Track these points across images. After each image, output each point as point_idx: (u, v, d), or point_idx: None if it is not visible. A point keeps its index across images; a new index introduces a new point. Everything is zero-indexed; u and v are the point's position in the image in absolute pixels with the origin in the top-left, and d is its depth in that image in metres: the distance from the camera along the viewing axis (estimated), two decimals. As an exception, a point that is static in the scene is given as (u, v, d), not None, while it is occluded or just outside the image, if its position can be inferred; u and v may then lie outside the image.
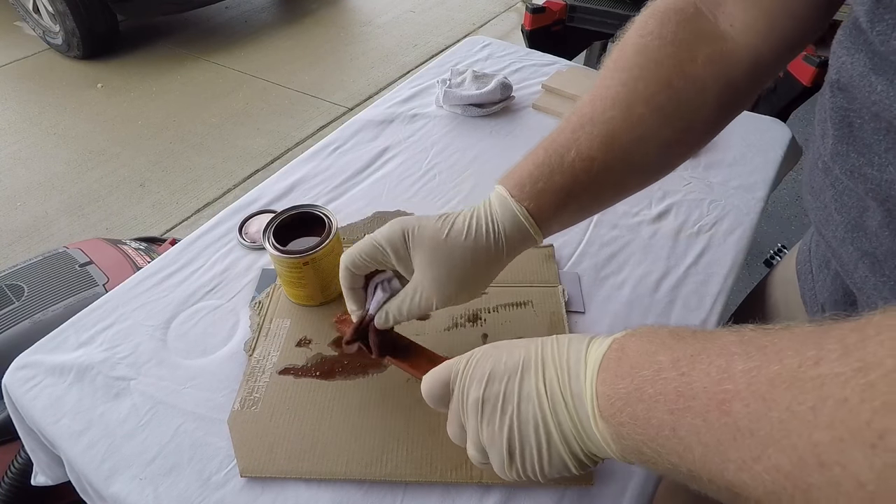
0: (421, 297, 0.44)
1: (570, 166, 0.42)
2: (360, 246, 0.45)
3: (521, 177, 0.43)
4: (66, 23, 2.66)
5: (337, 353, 0.57)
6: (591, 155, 0.41)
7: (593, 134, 0.41)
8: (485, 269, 0.44)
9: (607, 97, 0.42)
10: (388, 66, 2.86)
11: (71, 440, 0.51)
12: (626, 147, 0.41)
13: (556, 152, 0.42)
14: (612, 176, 0.43)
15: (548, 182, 0.42)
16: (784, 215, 1.93)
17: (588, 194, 0.43)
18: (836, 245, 0.37)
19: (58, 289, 0.91)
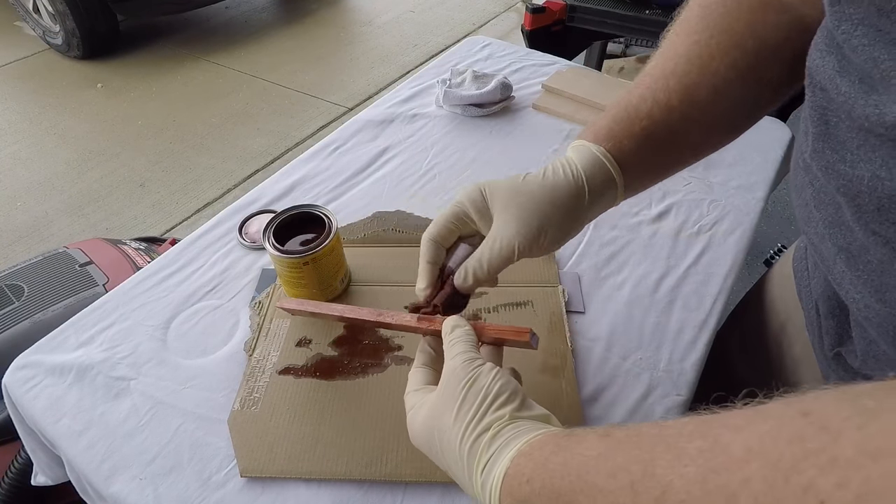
0: (502, 243, 0.40)
1: (647, 114, 0.41)
2: (442, 213, 0.43)
3: (595, 129, 0.42)
4: (66, 23, 2.66)
5: (337, 353, 0.57)
6: (670, 104, 0.41)
7: (670, 87, 0.41)
8: (566, 212, 0.41)
9: (681, 54, 0.41)
10: (388, 66, 2.86)
11: (71, 440, 0.51)
12: (704, 98, 0.41)
13: (631, 105, 0.42)
14: (690, 127, 0.42)
15: (625, 127, 0.42)
16: (784, 215, 1.93)
17: (667, 142, 0.42)
18: (817, 241, 0.37)
19: (58, 289, 0.91)
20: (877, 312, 0.33)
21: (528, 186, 0.41)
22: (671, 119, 0.41)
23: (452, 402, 0.35)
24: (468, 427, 0.33)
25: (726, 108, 0.43)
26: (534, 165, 0.81)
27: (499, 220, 0.41)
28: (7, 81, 2.73)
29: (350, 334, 0.58)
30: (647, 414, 0.53)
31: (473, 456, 0.32)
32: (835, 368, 0.45)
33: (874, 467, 0.16)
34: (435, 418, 0.36)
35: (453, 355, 0.37)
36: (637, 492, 0.23)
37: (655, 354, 0.57)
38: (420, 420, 0.37)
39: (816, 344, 0.48)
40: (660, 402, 0.53)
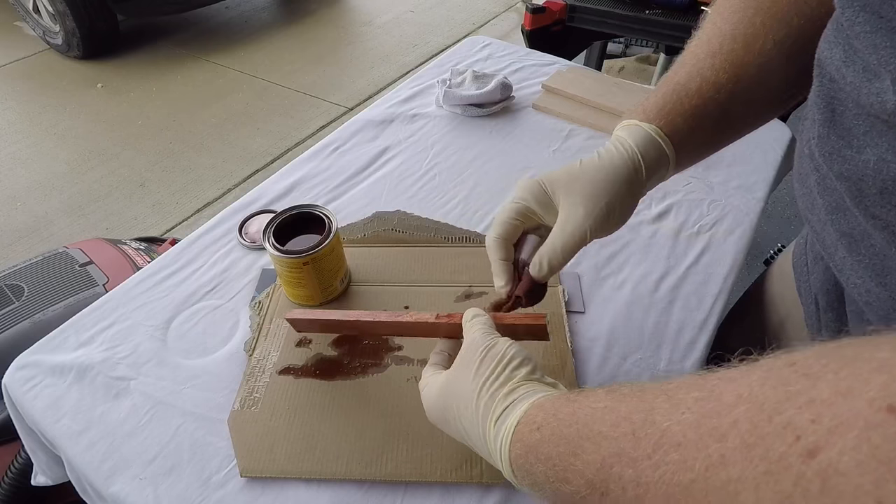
0: (574, 227, 0.41)
1: (696, 91, 0.42)
2: (505, 209, 0.44)
3: (645, 107, 0.43)
4: (66, 23, 2.66)
5: (337, 353, 0.56)
6: (718, 81, 0.42)
7: (716, 65, 0.42)
8: (627, 188, 0.42)
9: (725, 33, 0.42)
10: (388, 66, 2.86)
11: (71, 440, 0.51)
12: (752, 76, 0.42)
13: (679, 83, 0.42)
14: (739, 104, 0.43)
15: (675, 105, 0.42)
16: (784, 215, 1.93)
17: (717, 118, 0.43)
18: (819, 228, 0.38)
19: (58, 289, 0.91)
20: (877, 296, 0.33)
21: (586, 171, 0.42)
22: (720, 96, 0.42)
23: (471, 365, 0.37)
24: (485, 383, 0.35)
25: (773, 86, 0.43)
26: (534, 165, 0.81)
27: (565, 206, 0.42)
28: (7, 81, 2.73)
29: (350, 335, 0.58)
30: (647, 414, 0.53)
31: (489, 409, 0.34)
32: None
33: (844, 404, 0.17)
34: (451, 384, 0.38)
35: (472, 332, 0.39)
36: (638, 437, 0.25)
37: (655, 354, 0.57)
38: (435, 390, 0.39)
39: (816, 339, 0.48)
40: (660, 402, 0.53)
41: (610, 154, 0.42)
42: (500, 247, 0.44)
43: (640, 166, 0.42)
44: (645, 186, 0.44)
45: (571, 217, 0.41)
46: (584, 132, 0.88)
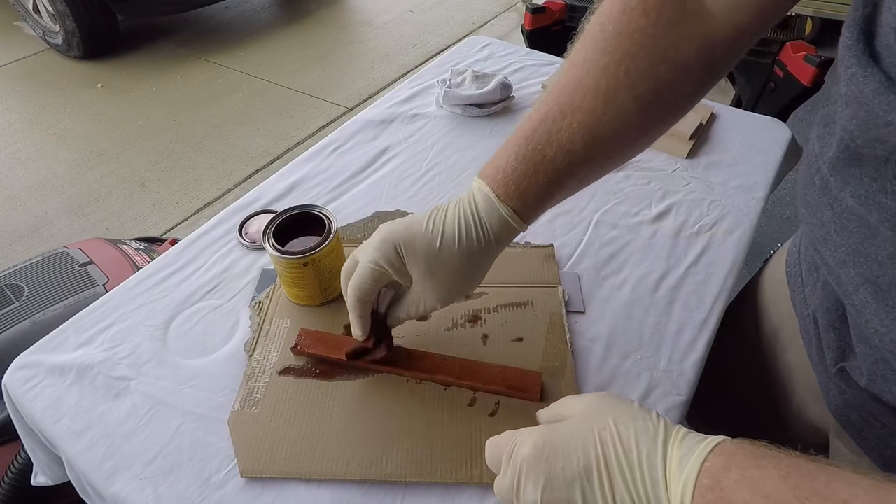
0: (424, 303, 0.46)
1: (551, 162, 0.41)
2: (363, 274, 0.45)
3: (504, 175, 0.43)
4: (66, 23, 2.66)
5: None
6: (573, 149, 0.41)
7: (573, 126, 0.41)
8: (478, 268, 0.46)
9: (588, 86, 0.40)
10: (388, 66, 2.86)
11: (71, 440, 0.51)
12: (607, 138, 0.41)
13: (537, 148, 0.42)
14: (592, 165, 0.43)
15: (531, 180, 0.42)
16: (784, 215, 1.93)
17: (569, 185, 0.44)
18: (835, 266, 0.36)
19: (58, 289, 0.91)
20: None
21: (444, 256, 0.43)
22: (573, 163, 0.42)
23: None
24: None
25: (629, 141, 0.43)
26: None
27: (419, 283, 0.45)
28: (7, 81, 2.73)
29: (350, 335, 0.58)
30: (647, 414, 0.53)
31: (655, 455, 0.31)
32: (838, 384, 0.44)
33: None
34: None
35: None
36: None
37: (655, 354, 0.57)
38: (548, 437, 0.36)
39: (815, 356, 0.47)
40: (660, 402, 0.53)
41: (470, 237, 0.43)
42: (359, 307, 0.48)
43: (493, 246, 0.44)
44: (495, 257, 0.46)
45: (424, 296, 0.46)
46: (584, 132, 0.88)
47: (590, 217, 0.73)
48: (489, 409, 0.52)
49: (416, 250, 0.43)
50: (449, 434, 0.50)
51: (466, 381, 0.52)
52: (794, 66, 1.46)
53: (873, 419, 0.42)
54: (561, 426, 0.35)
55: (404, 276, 0.45)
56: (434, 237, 0.43)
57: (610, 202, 0.75)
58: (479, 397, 0.53)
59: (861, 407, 0.42)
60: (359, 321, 0.49)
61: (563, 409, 0.38)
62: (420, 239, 0.43)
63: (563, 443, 0.34)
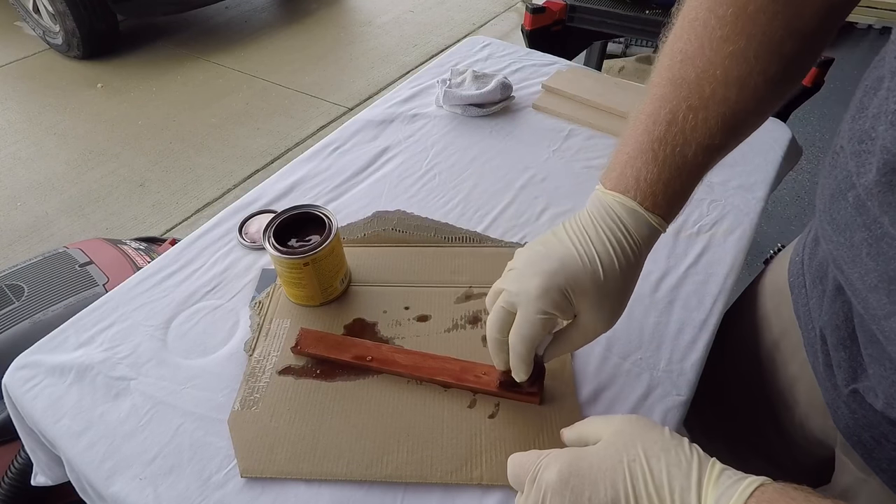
0: (596, 333, 0.44)
1: (692, 161, 0.40)
2: (534, 326, 0.42)
3: (649, 184, 0.41)
4: (66, 23, 2.66)
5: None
6: (712, 143, 0.40)
7: (709, 121, 0.39)
8: (634, 280, 0.44)
9: (717, 76, 0.39)
10: (388, 66, 2.86)
11: (71, 440, 0.51)
12: (742, 123, 0.40)
13: (675, 150, 0.40)
14: (728, 150, 0.42)
15: (676, 184, 0.41)
16: (784, 215, 1.93)
17: (704, 176, 0.43)
18: (864, 289, 0.35)
19: (58, 289, 0.91)
20: None
21: (609, 284, 0.41)
22: (713, 156, 0.41)
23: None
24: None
25: (759, 120, 0.42)
26: (534, 165, 0.81)
27: (588, 317, 0.43)
28: (7, 81, 2.73)
29: (351, 335, 0.58)
30: (646, 414, 0.53)
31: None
32: (849, 404, 0.43)
33: None
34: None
35: None
36: None
37: (655, 354, 0.57)
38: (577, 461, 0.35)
39: (822, 372, 0.46)
40: (660, 403, 0.53)
41: (628, 260, 0.41)
42: (526, 354, 0.44)
43: (644, 258, 0.43)
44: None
45: (594, 326, 0.43)
46: (584, 132, 0.88)
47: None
48: (489, 410, 0.52)
49: (583, 289, 0.41)
50: (449, 435, 0.50)
51: (466, 383, 0.52)
52: (794, 66, 1.46)
53: (886, 441, 0.41)
54: (588, 452, 0.34)
55: (569, 315, 0.43)
56: (595, 269, 0.41)
57: (610, 202, 0.75)
58: (479, 398, 0.53)
59: (874, 427, 0.41)
60: (524, 367, 0.45)
61: (590, 430, 0.37)
62: (582, 276, 0.41)
63: (591, 471, 0.32)
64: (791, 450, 0.59)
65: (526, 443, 0.49)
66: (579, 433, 0.38)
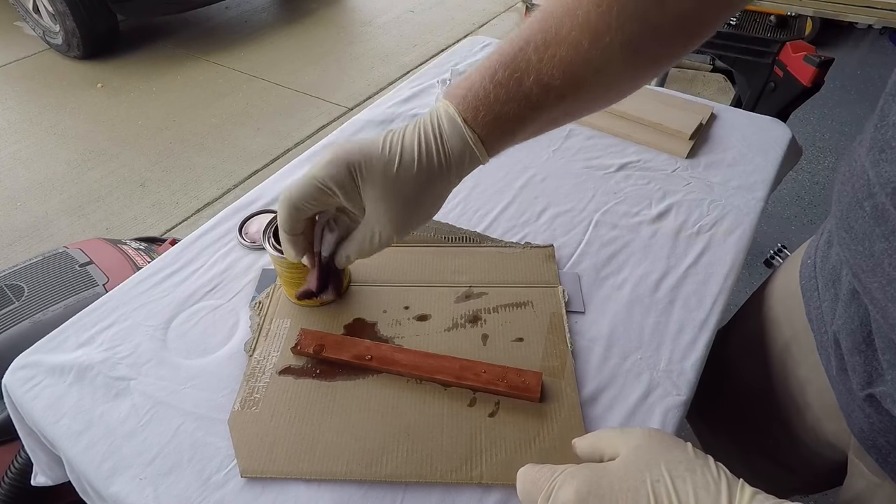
0: (380, 235, 0.42)
1: (526, 93, 0.39)
2: (303, 188, 0.41)
3: (476, 98, 0.39)
4: (66, 23, 2.66)
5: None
6: (551, 83, 0.38)
7: (555, 58, 0.38)
8: (437, 196, 0.42)
9: (578, 18, 0.37)
10: (388, 66, 2.86)
11: (71, 440, 0.51)
12: (587, 78, 0.38)
13: (513, 76, 0.39)
14: (566, 104, 0.40)
15: (503, 108, 0.39)
16: (784, 215, 1.93)
17: (538, 122, 0.41)
18: (884, 300, 0.34)
19: (58, 289, 0.91)
20: None
21: (402, 178, 0.40)
22: (548, 98, 0.39)
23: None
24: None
25: (606, 88, 0.40)
26: (534, 165, 0.81)
27: (374, 210, 0.41)
28: (7, 81, 2.73)
29: (350, 334, 0.58)
30: (646, 413, 0.53)
31: None
32: (864, 409, 0.42)
33: None
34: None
35: None
36: None
37: (655, 354, 0.57)
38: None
39: (836, 377, 0.46)
40: (660, 403, 0.53)
41: (430, 161, 0.40)
42: (289, 222, 0.43)
43: (454, 173, 0.41)
44: (454, 186, 0.43)
45: (380, 225, 0.42)
46: (585, 132, 0.88)
47: (590, 217, 0.73)
48: (489, 409, 0.52)
49: (372, 172, 0.39)
50: (449, 434, 0.50)
51: (466, 382, 0.52)
52: (794, 66, 1.46)
53: None
54: (607, 470, 0.32)
55: (354, 201, 0.41)
56: (392, 158, 0.39)
57: (610, 202, 0.75)
58: (479, 397, 0.53)
59: (890, 433, 0.41)
60: (290, 240, 0.44)
61: (606, 443, 0.35)
62: (376, 161, 0.39)
63: (611, 492, 0.30)
64: (801, 452, 0.58)
65: (526, 441, 0.49)
66: (593, 445, 0.36)
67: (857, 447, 0.47)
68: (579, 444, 0.38)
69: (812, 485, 0.65)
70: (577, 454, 0.38)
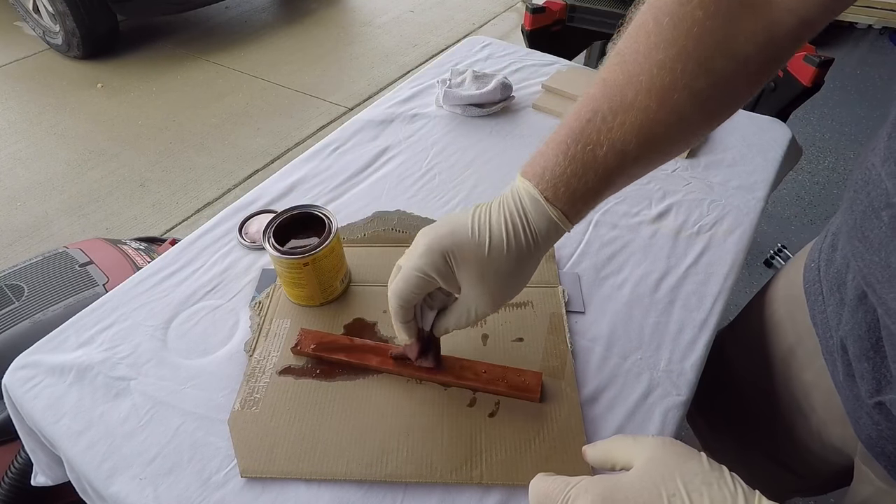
0: (475, 311, 0.45)
1: (602, 162, 0.39)
2: (408, 281, 0.43)
3: (553, 176, 0.41)
4: (66, 23, 2.66)
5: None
6: (625, 149, 0.39)
7: (625, 125, 0.39)
8: (526, 271, 0.44)
9: (641, 83, 0.38)
10: (388, 66, 2.86)
11: (71, 440, 0.51)
12: (661, 135, 0.39)
13: (587, 148, 0.40)
14: (644, 163, 0.41)
15: (580, 181, 0.40)
16: (784, 215, 1.93)
17: (618, 184, 0.42)
18: (891, 301, 0.34)
19: (58, 289, 0.91)
20: None
21: (494, 262, 0.42)
22: (626, 162, 0.40)
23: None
24: None
25: (679, 143, 0.42)
26: (534, 165, 0.81)
27: (470, 290, 0.44)
28: (7, 81, 2.73)
29: (350, 334, 0.58)
30: (647, 414, 0.53)
31: None
32: (874, 417, 0.42)
33: None
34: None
35: None
36: None
37: (655, 354, 0.57)
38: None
39: (843, 382, 0.45)
40: (660, 403, 0.53)
41: (519, 242, 0.41)
42: (402, 314, 0.46)
43: (541, 249, 0.43)
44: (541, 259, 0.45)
45: (476, 303, 0.44)
46: (584, 132, 0.88)
47: (590, 217, 0.73)
48: (489, 409, 0.52)
49: (465, 258, 0.42)
50: (449, 434, 0.50)
51: (466, 381, 0.52)
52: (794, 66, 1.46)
53: None
54: (623, 483, 0.32)
55: (451, 284, 0.44)
56: (482, 242, 0.41)
57: (610, 202, 0.75)
58: (479, 397, 0.53)
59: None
60: (403, 328, 0.47)
61: (619, 453, 0.35)
62: (468, 245, 0.42)
63: (624, 499, 0.30)
64: (804, 455, 0.58)
65: (526, 441, 0.49)
66: (606, 454, 0.36)
67: (865, 453, 0.46)
68: (590, 453, 0.37)
69: (815, 487, 0.64)
70: (588, 461, 0.37)
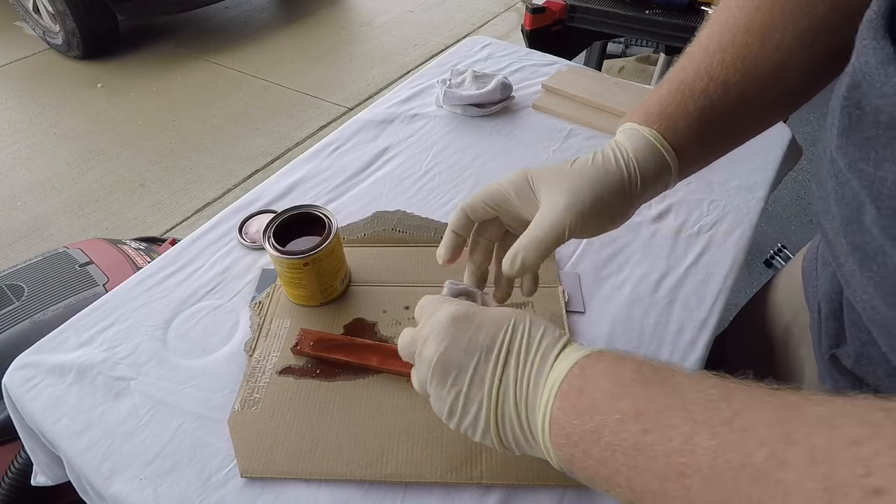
0: (552, 220, 0.38)
1: (703, 92, 0.38)
2: (482, 190, 0.42)
3: (647, 108, 0.40)
4: (66, 23, 2.66)
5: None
6: (727, 80, 0.38)
7: (726, 61, 0.38)
8: (616, 198, 0.39)
9: (739, 24, 0.38)
10: (388, 66, 2.86)
11: (71, 440, 0.51)
12: (766, 72, 0.38)
13: (685, 83, 0.39)
14: (750, 103, 0.40)
15: (679, 107, 0.39)
16: (784, 215, 1.93)
17: (725, 122, 0.40)
18: (832, 236, 0.36)
19: (58, 289, 0.91)
20: (883, 316, 0.32)
21: (576, 169, 0.40)
22: (728, 97, 0.38)
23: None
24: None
25: (791, 85, 0.40)
26: (534, 165, 0.81)
27: (547, 199, 0.39)
28: (7, 81, 2.73)
29: (350, 334, 0.58)
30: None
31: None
32: (829, 370, 0.44)
33: None
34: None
35: None
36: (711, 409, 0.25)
37: (655, 354, 0.57)
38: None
39: (815, 345, 0.47)
40: (660, 403, 0.53)
41: (606, 160, 0.40)
42: (459, 218, 0.43)
43: (636, 175, 0.39)
44: (641, 197, 0.41)
45: (552, 210, 0.38)
46: (584, 132, 0.88)
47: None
48: (489, 409, 0.52)
49: (545, 171, 0.40)
50: (449, 434, 0.50)
51: None
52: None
53: None
54: (488, 309, 0.37)
55: (529, 205, 0.40)
56: (567, 162, 0.41)
57: (610, 202, 0.75)
58: (479, 397, 0.53)
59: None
60: (449, 236, 0.44)
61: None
62: (552, 165, 0.41)
63: (480, 319, 0.35)
64: None
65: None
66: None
67: None
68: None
69: None
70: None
